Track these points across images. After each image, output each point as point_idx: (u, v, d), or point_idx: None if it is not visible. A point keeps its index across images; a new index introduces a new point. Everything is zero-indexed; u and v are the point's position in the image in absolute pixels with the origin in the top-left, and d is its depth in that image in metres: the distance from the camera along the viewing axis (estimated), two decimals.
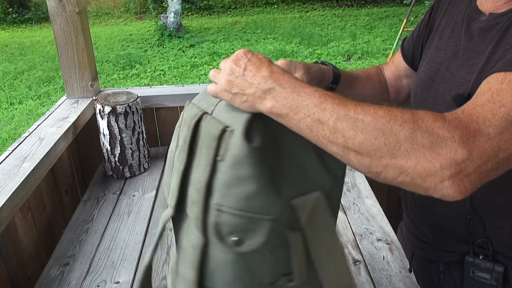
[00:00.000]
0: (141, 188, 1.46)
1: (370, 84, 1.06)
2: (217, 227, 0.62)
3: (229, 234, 0.62)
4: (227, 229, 0.62)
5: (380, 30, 8.09)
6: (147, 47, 7.59)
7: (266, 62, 0.62)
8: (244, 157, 0.58)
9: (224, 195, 0.61)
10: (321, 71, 0.87)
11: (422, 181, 0.53)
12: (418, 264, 1.07)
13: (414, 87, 0.97)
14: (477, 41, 0.80)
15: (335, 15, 9.75)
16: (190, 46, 7.45)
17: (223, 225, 0.62)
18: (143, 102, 1.67)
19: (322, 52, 6.91)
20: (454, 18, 0.90)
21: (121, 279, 1.05)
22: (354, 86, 1.00)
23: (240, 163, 0.59)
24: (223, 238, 0.62)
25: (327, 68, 0.90)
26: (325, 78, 0.88)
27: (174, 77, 6.07)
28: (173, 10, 7.90)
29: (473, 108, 0.57)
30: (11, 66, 6.79)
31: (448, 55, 0.87)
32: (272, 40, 7.76)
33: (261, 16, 9.99)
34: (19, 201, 1.04)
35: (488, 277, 0.87)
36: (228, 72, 0.62)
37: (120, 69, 6.51)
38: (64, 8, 1.48)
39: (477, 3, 0.84)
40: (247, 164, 0.59)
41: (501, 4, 0.77)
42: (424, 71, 0.94)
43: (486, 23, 0.78)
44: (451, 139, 0.52)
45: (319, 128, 0.56)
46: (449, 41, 0.88)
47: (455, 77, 0.83)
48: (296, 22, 9.15)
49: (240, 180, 0.60)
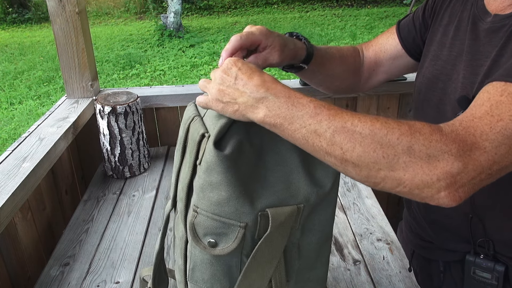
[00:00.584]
0: (141, 188, 1.46)
1: (344, 65, 1.01)
2: (193, 227, 0.64)
3: (205, 236, 0.64)
4: (202, 230, 0.63)
5: (380, 30, 8.09)
6: (147, 47, 7.59)
7: (257, 71, 0.61)
8: (215, 163, 0.59)
9: (199, 197, 0.63)
10: (295, 49, 0.83)
11: (420, 192, 0.54)
12: (418, 263, 1.07)
13: (418, 84, 0.96)
14: (483, 43, 0.79)
15: (335, 15, 9.75)
16: (190, 46, 7.45)
17: (198, 226, 0.63)
18: (143, 102, 1.67)
19: None
20: (458, 15, 0.88)
21: (121, 279, 1.05)
22: (325, 65, 0.96)
23: (211, 169, 0.60)
24: (199, 239, 0.64)
25: (301, 46, 0.86)
26: (297, 56, 0.84)
27: (174, 77, 6.07)
28: (173, 10, 7.90)
29: (471, 120, 0.58)
30: (11, 66, 6.78)
31: (454, 54, 0.86)
32: None
33: (261, 16, 9.99)
34: (19, 201, 1.04)
35: (489, 277, 0.87)
36: (219, 82, 0.62)
37: (120, 69, 6.51)
38: (64, 8, 1.48)
39: (484, 2, 0.82)
40: (218, 171, 0.60)
41: (508, 4, 0.76)
42: (428, 68, 0.92)
43: (492, 25, 0.77)
44: (448, 152, 0.53)
45: (315, 140, 0.56)
46: (455, 39, 0.87)
47: (461, 78, 0.82)
48: (296, 22, 9.15)
49: (211, 185, 0.61)
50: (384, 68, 1.04)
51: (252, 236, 0.63)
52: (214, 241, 0.63)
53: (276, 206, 0.62)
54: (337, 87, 1.05)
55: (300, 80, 1.81)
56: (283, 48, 0.77)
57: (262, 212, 0.61)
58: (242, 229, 0.61)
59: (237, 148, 0.61)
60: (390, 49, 1.03)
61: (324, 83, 1.01)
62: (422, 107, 0.94)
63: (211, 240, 0.63)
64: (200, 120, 0.66)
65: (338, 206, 1.33)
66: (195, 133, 0.64)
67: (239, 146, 0.61)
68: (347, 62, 1.02)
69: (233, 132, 0.62)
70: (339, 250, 1.14)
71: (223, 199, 0.60)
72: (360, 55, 1.06)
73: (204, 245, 0.64)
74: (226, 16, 10.22)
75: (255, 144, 0.63)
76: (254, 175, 0.62)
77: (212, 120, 0.64)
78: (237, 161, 0.60)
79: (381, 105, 1.82)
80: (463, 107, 0.79)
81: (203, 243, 0.64)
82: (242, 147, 0.61)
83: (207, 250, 0.64)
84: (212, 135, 0.60)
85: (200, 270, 0.66)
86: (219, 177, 0.60)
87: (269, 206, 0.62)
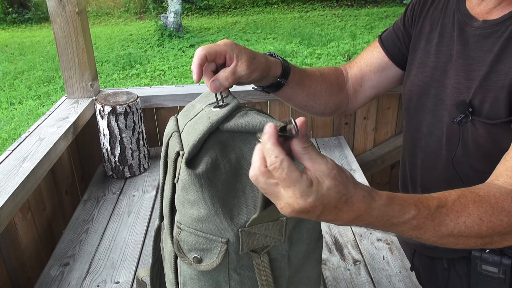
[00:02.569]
0: (141, 188, 1.46)
1: (325, 83, 0.98)
2: (178, 243, 0.64)
3: (190, 252, 0.64)
4: (186, 246, 0.63)
5: (380, 30, 8.09)
6: (147, 47, 7.59)
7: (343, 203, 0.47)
8: (189, 182, 0.59)
9: (181, 214, 0.63)
10: (266, 63, 0.79)
11: None
12: (420, 262, 1.07)
13: (408, 91, 0.97)
14: (473, 48, 0.80)
15: (335, 15, 9.74)
16: (190, 46, 7.45)
17: (183, 242, 0.63)
18: (143, 102, 1.67)
19: (322, 52, 6.91)
20: (440, 21, 0.89)
21: (121, 279, 1.05)
22: (305, 82, 0.93)
23: (187, 187, 0.60)
24: (185, 254, 0.64)
25: (275, 60, 0.83)
26: (271, 71, 0.81)
27: (174, 77, 6.07)
28: (173, 10, 7.90)
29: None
30: (11, 66, 6.78)
31: (443, 60, 0.87)
32: (272, 40, 7.75)
33: (261, 16, 9.99)
34: (19, 201, 1.04)
35: (496, 271, 0.88)
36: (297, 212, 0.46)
37: (120, 69, 6.51)
38: (64, 8, 1.48)
39: (466, 7, 0.84)
40: (193, 189, 0.59)
41: (491, 7, 0.78)
42: (417, 76, 0.93)
43: (483, 31, 0.79)
44: None
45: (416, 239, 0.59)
46: (441, 46, 0.88)
47: (454, 83, 0.84)
48: (296, 22, 9.14)
49: (190, 202, 0.61)
50: (371, 83, 1.03)
51: (235, 251, 0.62)
52: (199, 257, 0.63)
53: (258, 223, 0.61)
54: (324, 107, 1.01)
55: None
56: (252, 60, 0.74)
57: (243, 228, 0.61)
58: (225, 245, 0.61)
59: (211, 165, 0.59)
60: (376, 62, 1.02)
61: (308, 102, 0.97)
62: (416, 113, 0.95)
63: (196, 255, 0.63)
64: (178, 136, 0.65)
65: None
66: (172, 150, 0.63)
67: (214, 164, 0.60)
68: (329, 79, 0.99)
69: (206, 149, 0.60)
70: (339, 250, 1.14)
71: (202, 216, 0.60)
72: (343, 73, 1.05)
73: (190, 260, 0.63)
74: (226, 16, 10.22)
75: (231, 159, 0.62)
76: (232, 191, 0.61)
77: (187, 136, 0.63)
78: (212, 179, 0.59)
79: (381, 105, 1.82)
80: (461, 112, 0.80)
81: (189, 259, 0.64)
82: (217, 163, 0.60)
83: (193, 266, 0.63)
84: (185, 153, 0.59)
85: (190, 285, 0.66)
86: (195, 195, 0.59)
87: (251, 223, 0.60)
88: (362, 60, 1.04)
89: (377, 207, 0.49)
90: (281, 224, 0.62)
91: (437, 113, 0.89)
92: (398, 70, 1.02)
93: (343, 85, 1.03)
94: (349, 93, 1.04)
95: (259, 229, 0.62)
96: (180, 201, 0.62)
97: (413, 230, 0.54)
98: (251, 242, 0.62)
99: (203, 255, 0.63)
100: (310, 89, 0.95)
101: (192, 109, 0.70)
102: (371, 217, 0.50)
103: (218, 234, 0.61)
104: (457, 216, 0.56)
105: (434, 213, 0.54)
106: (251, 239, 0.62)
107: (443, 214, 0.55)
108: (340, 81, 1.02)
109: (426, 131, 0.93)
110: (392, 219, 0.51)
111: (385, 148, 1.91)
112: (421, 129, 0.94)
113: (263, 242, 0.63)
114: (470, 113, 0.79)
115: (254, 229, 0.61)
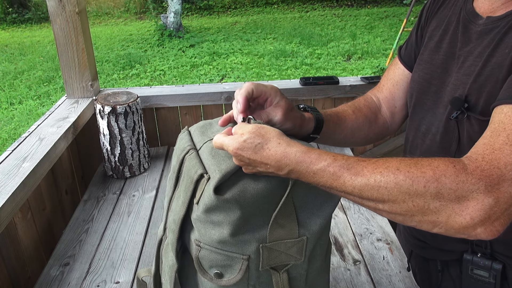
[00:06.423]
0: (141, 188, 1.46)
1: (360, 118, 0.98)
2: (199, 260, 0.65)
3: (210, 268, 0.65)
4: (207, 263, 0.64)
5: (380, 30, 8.09)
6: (147, 47, 7.59)
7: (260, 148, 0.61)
8: (215, 206, 0.60)
9: (201, 234, 0.64)
10: (301, 118, 0.80)
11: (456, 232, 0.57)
12: (416, 263, 1.07)
13: (410, 89, 0.96)
14: (474, 44, 0.79)
15: (335, 15, 9.74)
16: (190, 46, 7.45)
17: (203, 260, 0.64)
18: (143, 102, 1.67)
19: (322, 52, 6.91)
20: (446, 19, 0.89)
21: (121, 279, 1.05)
22: (340, 127, 0.93)
23: (211, 210, 0.60)
24: (205, 271, 0.65)
25: (309, 117, 0.84)
26: (303, 128, 0.82)
27: (174, 77, 6.07)
28: (173, 10, 7.90)
29: (492, 153, 0.59)
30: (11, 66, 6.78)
31: (444, 57, 0.87)
32: (272, 40, 7.75)
33: (261, 16, 9.99)
34: (19, 201, 1.04)
35: (487, 275, 0.87)
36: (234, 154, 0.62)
37: (120, 69, 6.51)
38: (64, 8, 1.48)
39: (473, 5, 0.83)
40: (218, 212, 0.60)
41: (498, 5, 0.77)
42: (418, 73, 0.93)
43: (484, 27, 0.78)
44: (476, 191, 0.55)
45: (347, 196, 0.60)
46: (442, 43, 0.88)
47: (453, 80, 0.83)
48: (296, 22, 9.14)
49: (213, 223, 0.61)
50: (404, 101, 1.03)
51: (256, 267, 0.63)
52: (220, 272, 0.64)
53: (278, 239, 0.63)
54: (365, 139, 1.02)
55: (300, 80, 1.81)
56: (288, 111, 0.76)
57: (264, 243, 0.62)
58: (246, 261, 0.63)
59: (241, 190, 0.60)
60: (400, 79, 1.02)
61: (347, 140, 0.98)
62: (415, 111, 0.95)
63: (217, 271, 0.64)
64: (197, 155, 0.65)
65: (338, 206, 1.33)
66: (192, 170, 0.63)
67: (243, 188, 0.60)
68: (363, 113, 1.00)
69: (237, 177, 0.61)
70: (339, 250, 1.14)
71: (225, 236, 0.61)
72: (374, 101, 1.05)
73: (210, 276, 0.65)
74: (226, 16, 10.22)
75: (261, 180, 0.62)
76: (258, 209, 0.62)
77: (211, 160, 0.62)
78: (241, 202, 0.60)
79: None
80: (456, 108, 0.79)
81: (210, 275, 0.65)
82: (246, 187, 0.61)
83: (214, 282, 0.65)
84: (214, 178, 0.59)
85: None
86: (220, 217, 0.60)
87: (272, 239, 0.63)
88: (388, 81, 1.04)
89: (293, 152, 0.59)
90: (301, 243, 0.64)
91: (436, 111, 0.88)
92: None
93: (378, 113, 1.03)
94: (386, 118, 1.04)
95: (279, 247, 0.63)
96: (201, 221, 0.62)
97: (332, 180, 0.58)
98: (271, 259, 0.63)
99: (224, 271, 0.64)
100: (346, 131, 0.96)
101: (210, 127, 0.70)
102: (291, 161, 0.58)
103: (240, 251, 0.62)
104: (374, 167, 0.58)
105: (352, 164, 0.58)
106: (271, 255, 0.63)
107: (361, 166, 0.58)
108: (373, 110, 1.02)
109: (425, 129, 0.92)
110: (311, 166, 0.58)
111: (385, 148, 1.91)
112: (420, 128, 0.94)
113: (283, 260, 0.64)
114: (465, 109, 0.78)
115: (275, 246, 0.63)
